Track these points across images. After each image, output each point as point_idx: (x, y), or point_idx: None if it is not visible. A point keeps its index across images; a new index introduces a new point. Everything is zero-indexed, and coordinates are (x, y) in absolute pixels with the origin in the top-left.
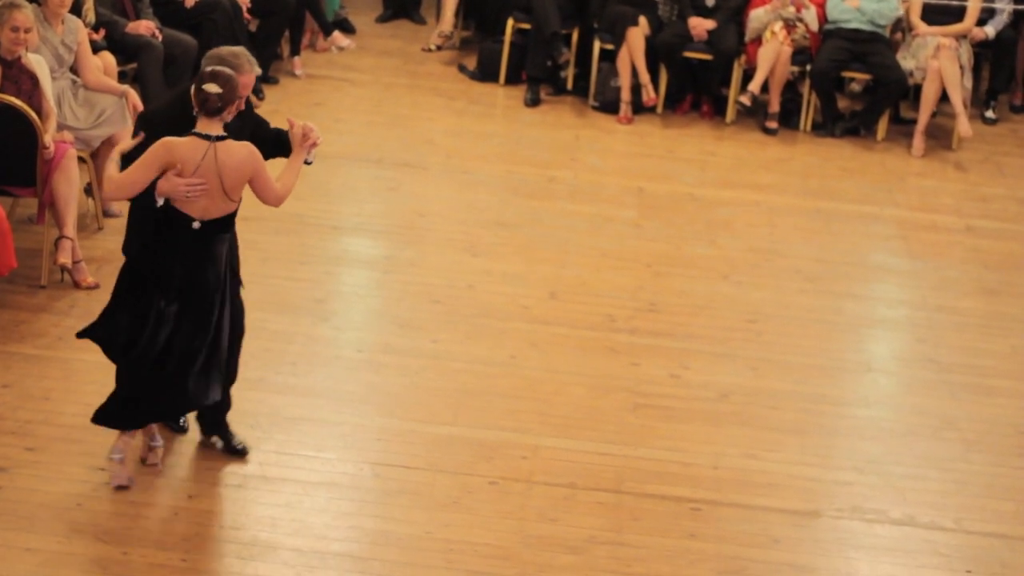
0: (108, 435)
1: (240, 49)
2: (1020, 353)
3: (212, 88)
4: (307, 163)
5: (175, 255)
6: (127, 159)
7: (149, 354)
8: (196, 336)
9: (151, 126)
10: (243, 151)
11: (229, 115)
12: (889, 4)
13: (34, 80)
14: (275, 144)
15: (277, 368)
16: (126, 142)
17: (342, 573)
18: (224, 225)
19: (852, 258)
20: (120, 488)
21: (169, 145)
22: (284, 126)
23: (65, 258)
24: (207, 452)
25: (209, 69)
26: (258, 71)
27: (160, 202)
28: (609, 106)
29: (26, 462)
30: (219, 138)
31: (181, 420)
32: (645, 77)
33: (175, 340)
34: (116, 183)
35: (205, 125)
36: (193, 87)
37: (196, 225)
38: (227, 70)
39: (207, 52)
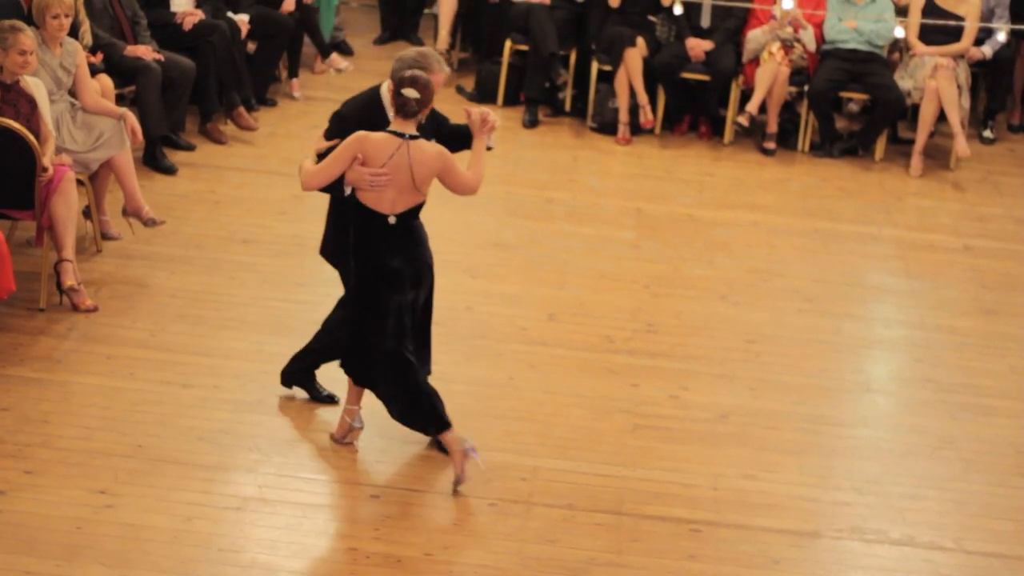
0: (107, 459)
1: (427, 49)
2: (1018, 373)
3: (411, 93)
4: (488, 148)
5: (387, 250)
6: (321, 158)
7: (400, 346)
8: (426, 317)
9: (345, 123)
10: (433, 150)
11: (423, 116)
12: (887, 24)
13: (32, 103)
14: (456, 138)
15: (276, 390)
16: (323, 142)
17: None
18: (414, 214)
19: (850, 278)
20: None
21: (362, 138)
22: (283, 148)
23: (71, 280)
24: (207, 474)
25: (408, 74)
26: (447, 70)
27: (347, 191)
28: (607, 127)
29: (25, 485)
30: (412, 137)
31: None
32: (643, 98)
33: (417, 326)
34: (312, 173)
35: (400, 124)
36: (391, 90)
37: (392, 220)
38: (424, 74)
39: (397, 56)
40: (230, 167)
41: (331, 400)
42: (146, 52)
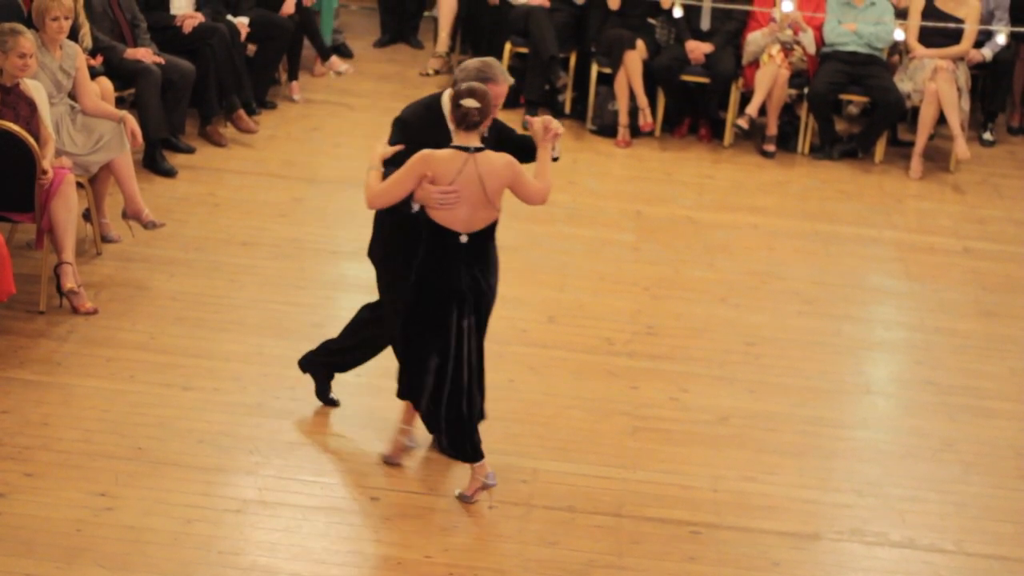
0: (107, 461)
1: (492, 60)
2: (1018, 375)
3: (471, 104)
4: (554, 159)
5: (456, 270)
6: (387, 163)
7: (457, 369)
8: (481, 341)
9: (408, 129)
10: (501, 160)
11: (485, 127)
12: (886, 27)
13: (32, 106)
14: (520, 148)
15: (275, 393)
16: (387, 148)
17: None
18: (488, 234)
19: (850, 280)
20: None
21: (427, 158)
22: (283, 151)
23: (71, 283)
24: (207, 477)
25: (466, 85)
26: (510, 80)
27: (415, 208)
28: (607, 129)
29: (25, 488)
30: (477, 149)
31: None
32: (643, 101)
33: (473, 351)
34: (377, 192)
35: (463, 138)
36: (450, 102)
37: (464, 239)
38: (482, 85)
39: (460, 64)
40: (230, 170)
41: (333, 404)
42: (146, 55)
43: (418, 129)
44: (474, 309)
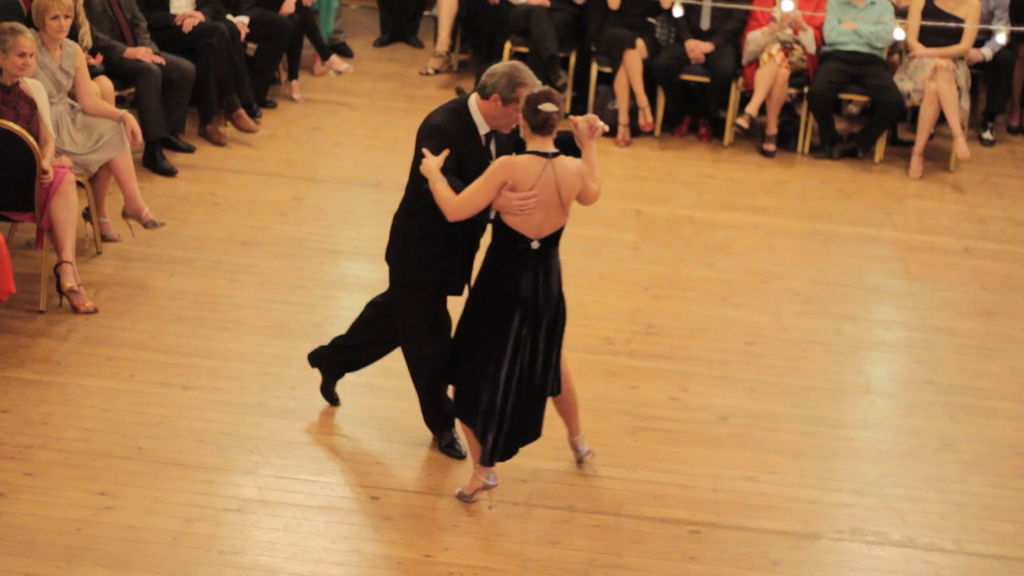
0: (107, 461)
1: (519, 63)
2: (1018, 374)
3: (550, 108)
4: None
5: (523, 276)
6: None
7: (516, 376)
8: (550, 354)
9: (446, 136)
10: (574, 165)
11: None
12: (886, 26)
13: (32, 105)
14: (563, 147)
15: (275, 392)
16: (437, 158)
17: None
18: (556, 240)
19: (850, 280)
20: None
21: (508, 164)
22: (283, 150)
23: (71, 282)
24: (207, 476)
25: (539, 91)
26: (538, 83)
27: (492, 215)
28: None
29: (25, 487)
30: (554, 155)
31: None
32: (643, 100)
33: (537, 361)
34: (458, 203)
35: (540, 143)
36: (524, 109)
37: (535, 245)
38: (554, 90)
39: (488, 71)
40: (230, 169)
41: (335, 402)
42: (146, 54)
43: (454, 136)
44: (538, 317)
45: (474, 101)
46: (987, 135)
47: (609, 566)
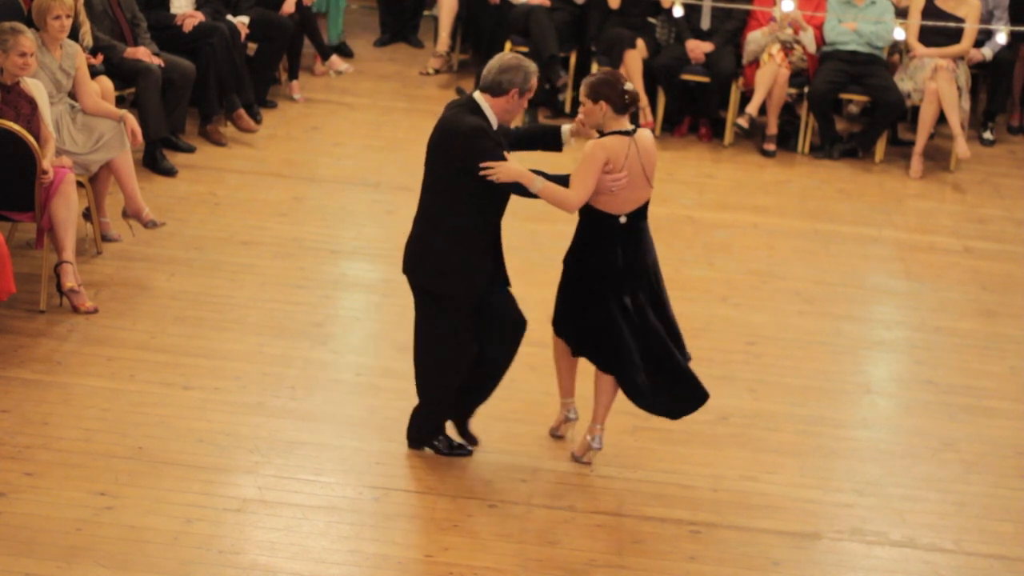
0: (107, 460)
1: (516, 55)
2: (1018, 374)
3: (632, 86)
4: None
5: (613, 251)
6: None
7: (640, 348)
8: (665, 320)
9: (491, 134)
10: (651, 136)
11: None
12: (886, 26)
13: (32, 105)
14: (527, 139)
15: (276, 392)
16: (513, 164)
17: None
18: (643, 213)
19: (850, 280)
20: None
21: (604, 145)
22: (283, 150)
23: (71, 282)
24: (207, 476)
25: (605, 75)
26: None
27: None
28: None
29: (25, 487)
30: (633, 131)
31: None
32: (643, 100)
33: (652, 330)
34: (576, 194)
35: (620, 123)
36: (606, 93)
37: (623, 220)
38: (612, 70)
39: (490, 67)
40: (230, 169)
41: (474, 442)
42: (146, 54)
43: (493, 133)
44: (636, 287)
45: (481, 99)
46: (987, 135)
47: (609, 566)
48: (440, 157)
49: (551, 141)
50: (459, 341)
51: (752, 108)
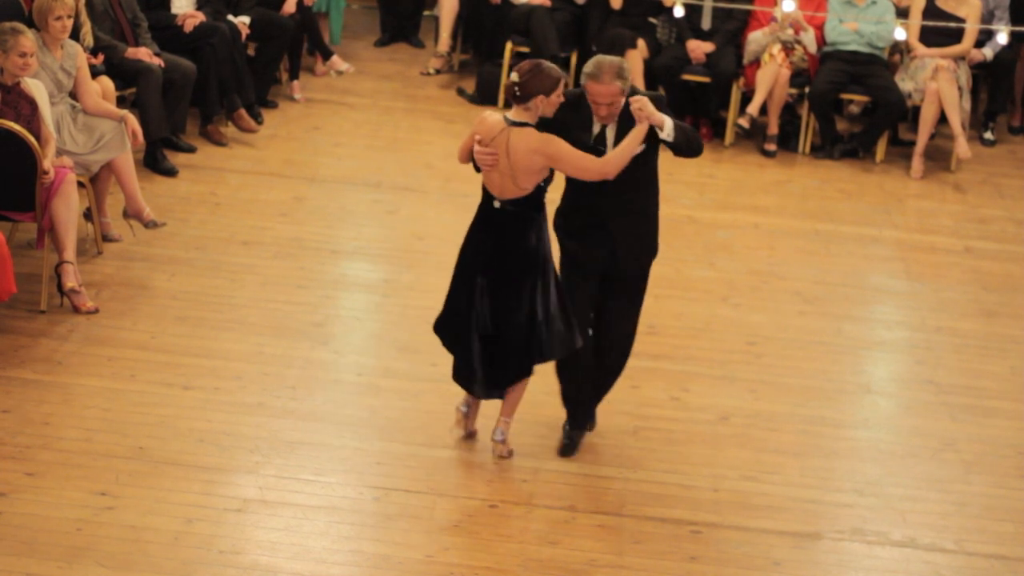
0: (108, 461)
1: (615, 60)
2: (1019, 374)
3: (513, 77)
4: (675, 146)
5: (479, 228)
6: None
7: (471, 324)
8: (511, 311)
9: (552, 126)
10: (531, 137)
11: (543, 107)
12: (887, 26)
13: (33, 105)
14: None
15: (276, 392)
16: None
17: None
18: (520, 207)
19: (851, 280)
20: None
21: (483, 119)
22: (284, 150)
23: (72, 282)
24: (208, 476)
25: (525, 62)
26: (618, 85)
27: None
28: None
29: (26, 487)
30: (515, 124)
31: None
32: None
33: (495, 314)
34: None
35: (515, 111)
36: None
37: (496, 204)
38: (534, 62)
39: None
40: (231, 169)
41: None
42: (147, 54)
43: (561, 122)
44: (490, 271)
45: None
46: (988, 135)
47: (610, 566)
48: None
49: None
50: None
51: (753, 108)
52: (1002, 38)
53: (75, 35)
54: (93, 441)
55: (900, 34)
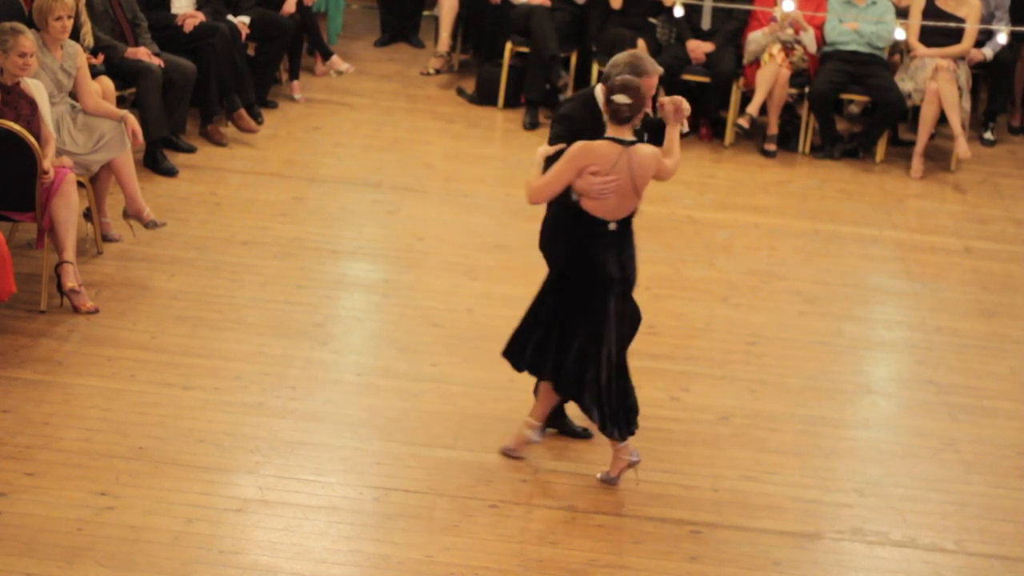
0: (108, 461)
1: (641, 52)
2: (1019, 374)
3: (622, 99)
4: (683, 134)
5: (609, 258)
6: (548, 161)
7: (607, 352)
8: (632, 327)
9: (572, 122)
10: (650, 152)
11: (638, 121)
12: (887, 26)
13: (33, 105)
14: (652, 130)
15: (276, 392)
16: (548, 147)
17: None
18: (631, 221)
19: (851, 280)
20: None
21: (589, 149)
22: (284, 150)
23: (72, 282)
24: (208, 476)
25: (619, 80)
26: (660, 71)
27: (574, 198)
28: None
29: (26, 487)
30: (631, 143)
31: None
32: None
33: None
34: (536, 188)
35: (616, 131)
36: (603, 96)
37: (612, 227)
38: (635, 80)
39: (611, 60)
40: (231, 169)
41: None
42: (147, 54)
43: (580, 122)
44: (616, 295)
45: (599, 90)
46: (988, 135)
47: (609, 566)
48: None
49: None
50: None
51: (753, 108)
52: (1002, 38)
53: (75, 35)
54: (93, 441)
55: (900, 34)
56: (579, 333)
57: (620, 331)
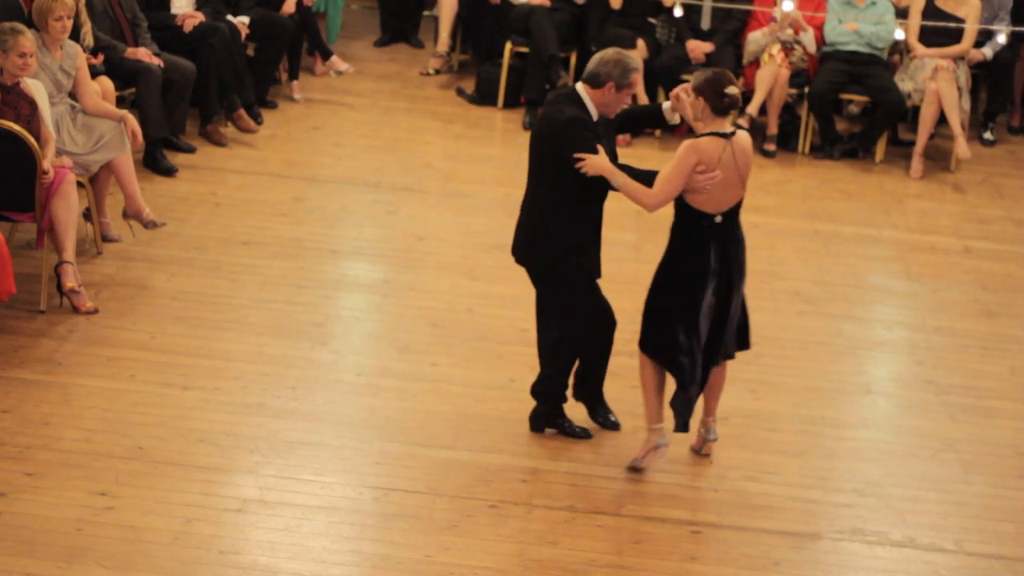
0: (108, 461)
1: (622, 50)
2: (1019, 374)
3: (734, 90)
4: (672, 127)
5: (711, 250)
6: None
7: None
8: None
9: (592, 126)
10: (748, 140)
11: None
12: (887, 26)
13: (32, 105)
14: (635, 118)
15: (276, 392)
16: (600, 155)
17: None
18: (737, 211)
19: (851, 280)
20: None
21: (696, 147)
22: (283, 150)
23: (72, 282)
24: (207, 476)
25: (717, 74)
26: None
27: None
28: None
29: (26, 487)
30: (731, 134)
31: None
32: (643, 100)
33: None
34: (656, 195)
35: (719, 124)
36: (706, 91)
37: (718, 219)
38: (728, 71)
39: (596, 58)
40: (230, 169)
41: (587, 435)
42: (146, 54)
43: (594, 124)
44: (729, 289)
45: (582, 89)
46: (987, 135)
47: (609, 566)
48: (542, 147)
49: (656, 120)
50: (593, 314)
51: (752, 108)
52: (1001, 38)
53: (75, 35)
54: (93, 441)
55: (900, 34)
56: (679, 325)
57: (716, 329)
